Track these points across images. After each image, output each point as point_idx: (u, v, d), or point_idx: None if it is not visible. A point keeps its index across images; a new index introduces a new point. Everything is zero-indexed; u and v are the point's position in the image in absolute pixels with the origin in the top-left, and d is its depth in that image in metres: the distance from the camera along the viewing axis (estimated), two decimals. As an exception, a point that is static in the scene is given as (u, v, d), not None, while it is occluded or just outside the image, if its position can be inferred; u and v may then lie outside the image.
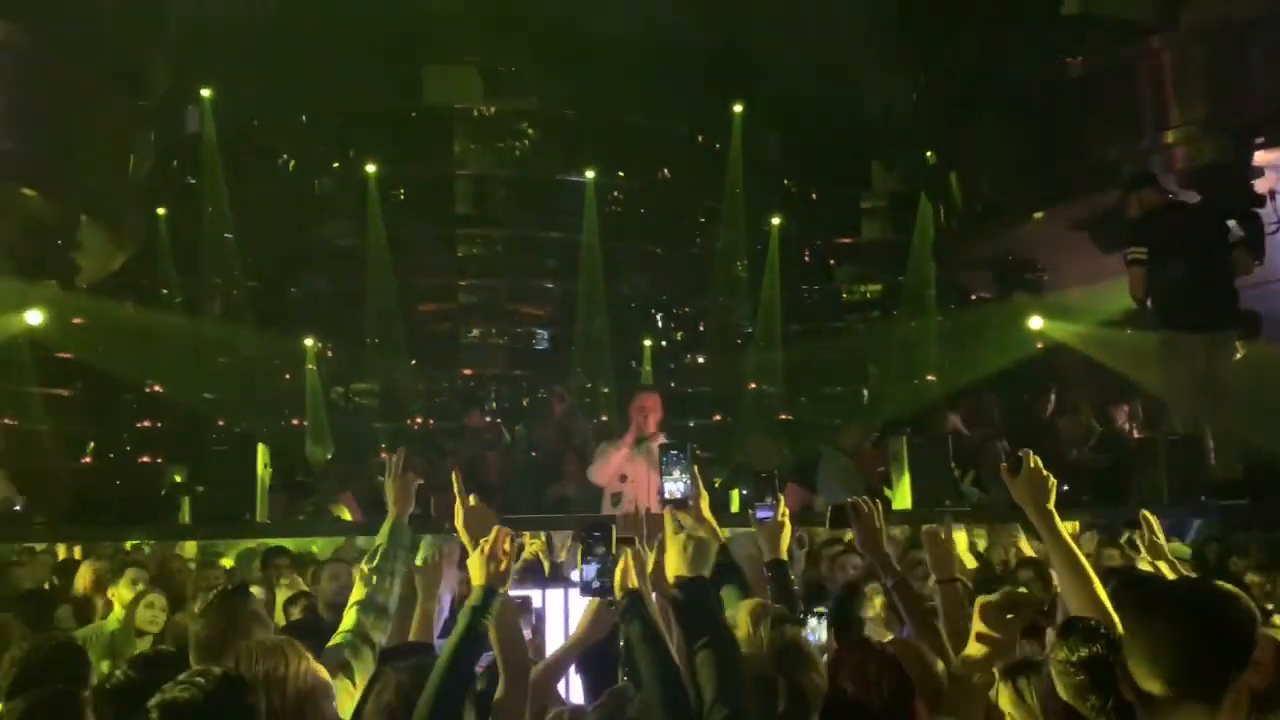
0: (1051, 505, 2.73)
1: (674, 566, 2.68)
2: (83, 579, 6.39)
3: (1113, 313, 10.05)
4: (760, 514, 3.47)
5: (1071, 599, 2.66)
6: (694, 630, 2.50)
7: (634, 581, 2.65)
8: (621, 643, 2.91)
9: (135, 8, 10.35)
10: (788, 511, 3.45)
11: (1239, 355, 6.98)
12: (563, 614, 4.75)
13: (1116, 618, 2.35)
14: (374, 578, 3.31)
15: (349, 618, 3.27)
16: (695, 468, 3.36)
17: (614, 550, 2.79)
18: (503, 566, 2.61)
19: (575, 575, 3.19)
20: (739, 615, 2.64)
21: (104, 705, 2.69)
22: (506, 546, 2.64)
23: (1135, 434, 8.40)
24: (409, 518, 3.55)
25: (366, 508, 8.26)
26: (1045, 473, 2.73)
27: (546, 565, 5.95)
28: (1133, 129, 9.81)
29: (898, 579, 3.39)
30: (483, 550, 2.62)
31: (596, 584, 2.81)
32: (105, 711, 2.67)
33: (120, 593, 5.91)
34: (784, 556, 3.41)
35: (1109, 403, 8.92)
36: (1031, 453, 2.77)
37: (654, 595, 2.80)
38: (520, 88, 15.77)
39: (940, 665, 2.90)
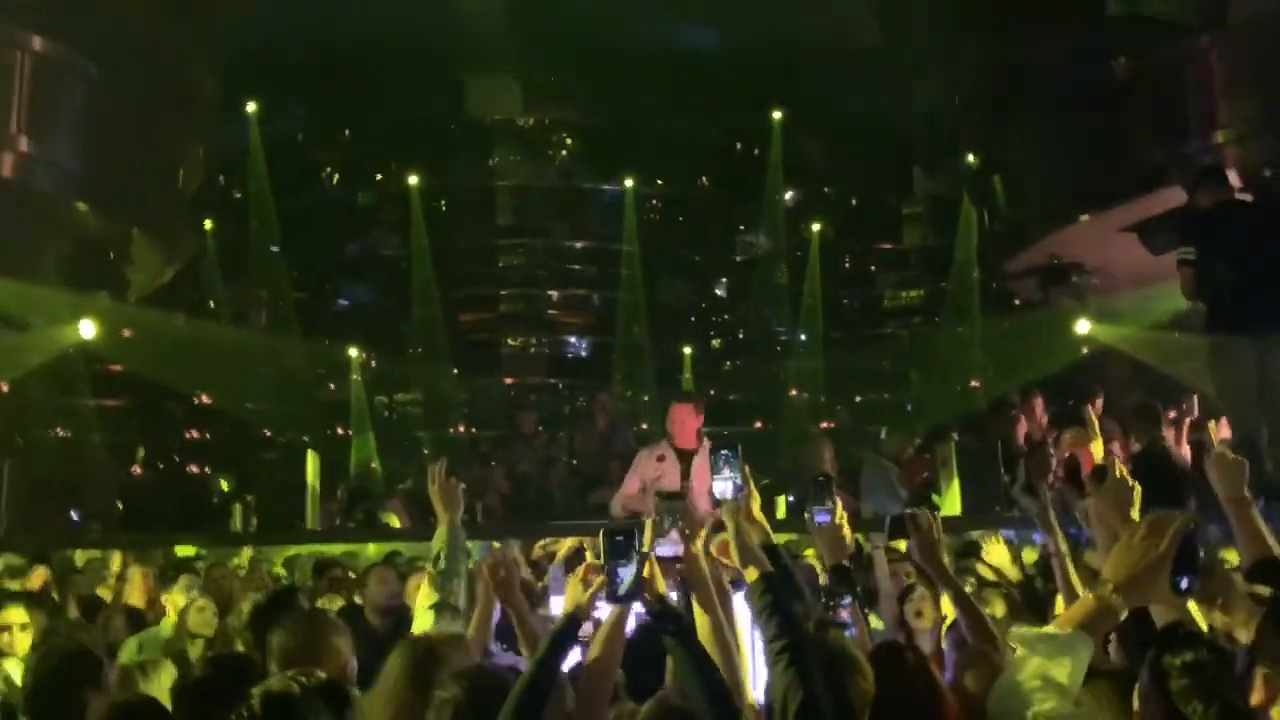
0: (1136, 514, 2.55)
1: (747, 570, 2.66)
2: (134, 586, 6.51)
3: (1162, 315, 9.92)
4: (819, 518, 3.42)
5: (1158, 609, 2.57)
6: (774, 632, 2.46)
7: (661, 586, 2.63)
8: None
9: (186, 25, 10.54)
10: (845, 515, 3.41)
11: None
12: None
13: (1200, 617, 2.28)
14: (441, 580, 3.34)
15: (425, 619, 3.29)
16: (746, 467, 3.31)
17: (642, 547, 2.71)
18: (589, 595, 2.62)
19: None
20: None
21: (186, 702, 2.76)
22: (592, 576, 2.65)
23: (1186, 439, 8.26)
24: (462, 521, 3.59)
25: (414, 514, 8.34)
26: (1130, 480, 2.65)
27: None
28: (1181, 130, 9.68)
29: (957, 592, 3.35)
30: (581, 577, 2.64)
31: (623, 591, 2.65)
32: (187, 708, 2.73)
33: (174, 598, 6.03)
34: (845, 561, 3.39)
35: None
36: (1117, 460, 2.68)
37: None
38: (560, 98, 15.87)
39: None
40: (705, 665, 2.50)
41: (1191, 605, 2.54)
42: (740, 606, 3.25)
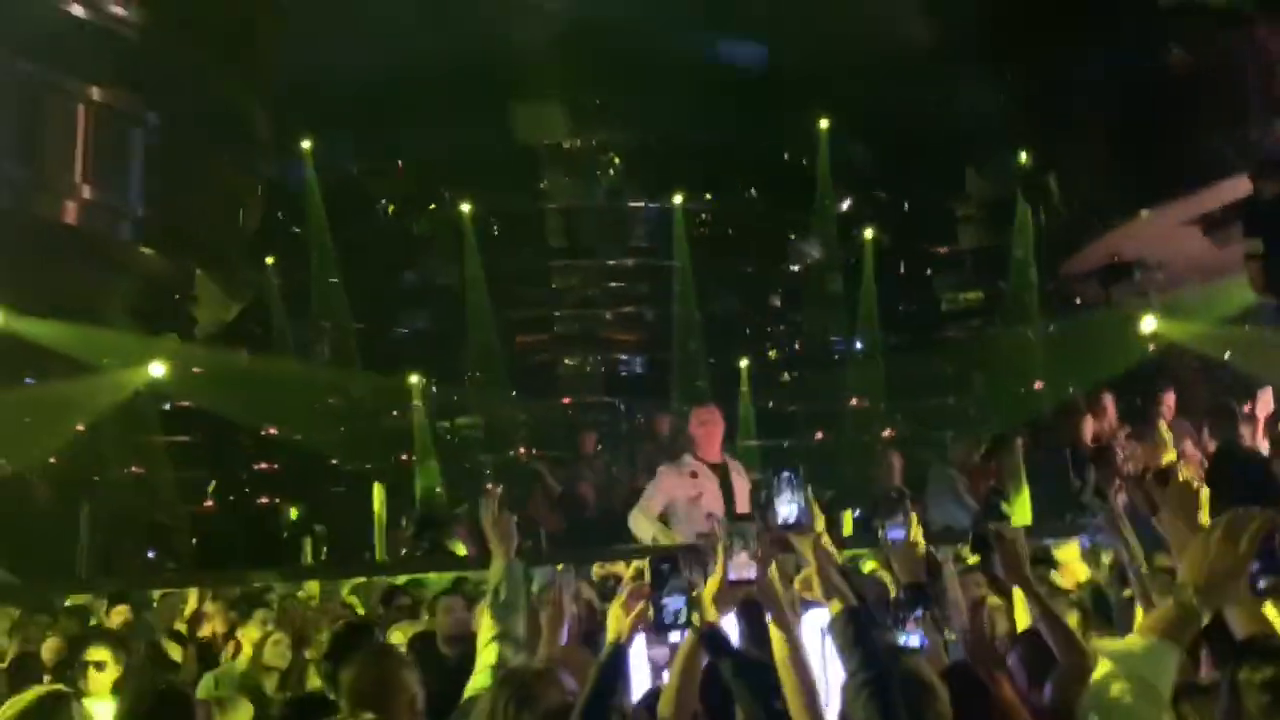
0: (1206, 519, 2.45)
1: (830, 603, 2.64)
2: (210, 622, 6.64)
3: (1230, 310, 9.66)
4: (892, 534, 3.34)
5: (1236, 617, 2.48)
6: (856, 664, 2.44)
7: (712, 614, 2.60)
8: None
9: (238, 67, 10.80)
10: (921, 530, 3.35)
11: None
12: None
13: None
14: (501, 614, 3.35)
15: (490, 653, 3.29)
16: (809, 488, 3.26)
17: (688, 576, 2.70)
18: (630, 622, 2.61)
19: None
20: None
21: None
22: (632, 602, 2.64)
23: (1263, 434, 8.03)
24: (520, 549, 3.58)
25: (480, 541, 8.40)
26: (1196, 484, 2.55)
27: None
28: (1241, 118, 9.44)
29: (1044, 609, 3.26)
30: (621, 603, 2.63)
31: (669, 620, 2.61)
32: None
33: (249, 633, 6.14)
34: (922, 580, 3.34)
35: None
36: (1182, 464, 2.63)
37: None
38: (605, 119, 15.96)
39: None
40: (761, 693, 2.49)
41: (1271, 611, 2.45)
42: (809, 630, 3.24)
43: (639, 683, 3.35)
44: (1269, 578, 2.07)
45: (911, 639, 2.95)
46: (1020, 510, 6.22)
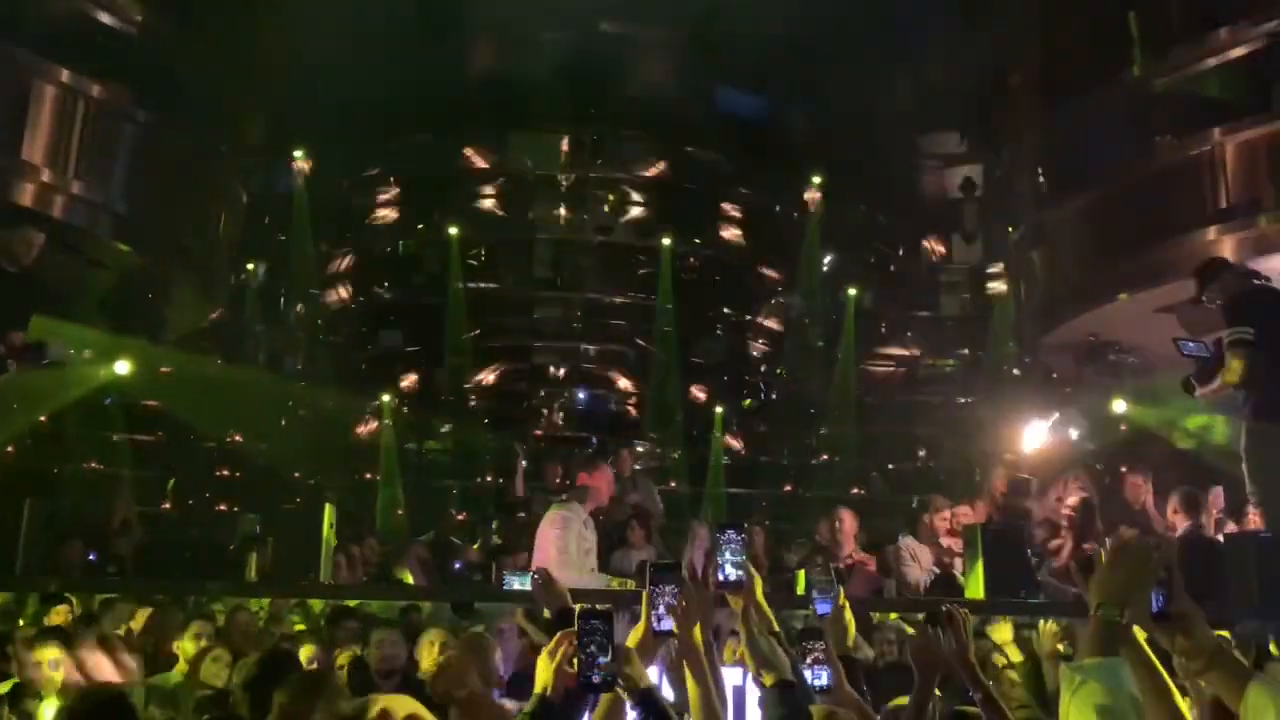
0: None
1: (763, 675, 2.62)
2: (146, 631, 6.47)
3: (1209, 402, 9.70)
4: (819, 607, 3.32)
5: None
6: None
7: (643, 676, 2.53)
8: None
9: (232, 70, 10.80)
10: (847, 603, 3.33)
11: None
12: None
13: None
14: None
15: None
16: (752, 547, 3.20)
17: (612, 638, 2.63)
18: (553, 670, 2.54)
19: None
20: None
21: None
22: (562, 650, 2.56)
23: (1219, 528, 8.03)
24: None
25: (430, 567, 8.30)
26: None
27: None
28: (1225, 212, 9.57)
29: (985, 694, 3.22)
30: (552, 654, 2.56)
31: (598, 678, 2.48)
32: None
33: (184, 646, 5.97)
34: (851, 645, 3.32)
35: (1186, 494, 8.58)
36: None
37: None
38: (602, 155, 16.02)
39: None
40: None
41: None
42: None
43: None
44: (1162, 601, 2.22)
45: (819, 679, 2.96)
46: (973, 585, 6.18)
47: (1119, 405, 10.35)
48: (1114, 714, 1.97)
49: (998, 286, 14.63)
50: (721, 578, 3.14)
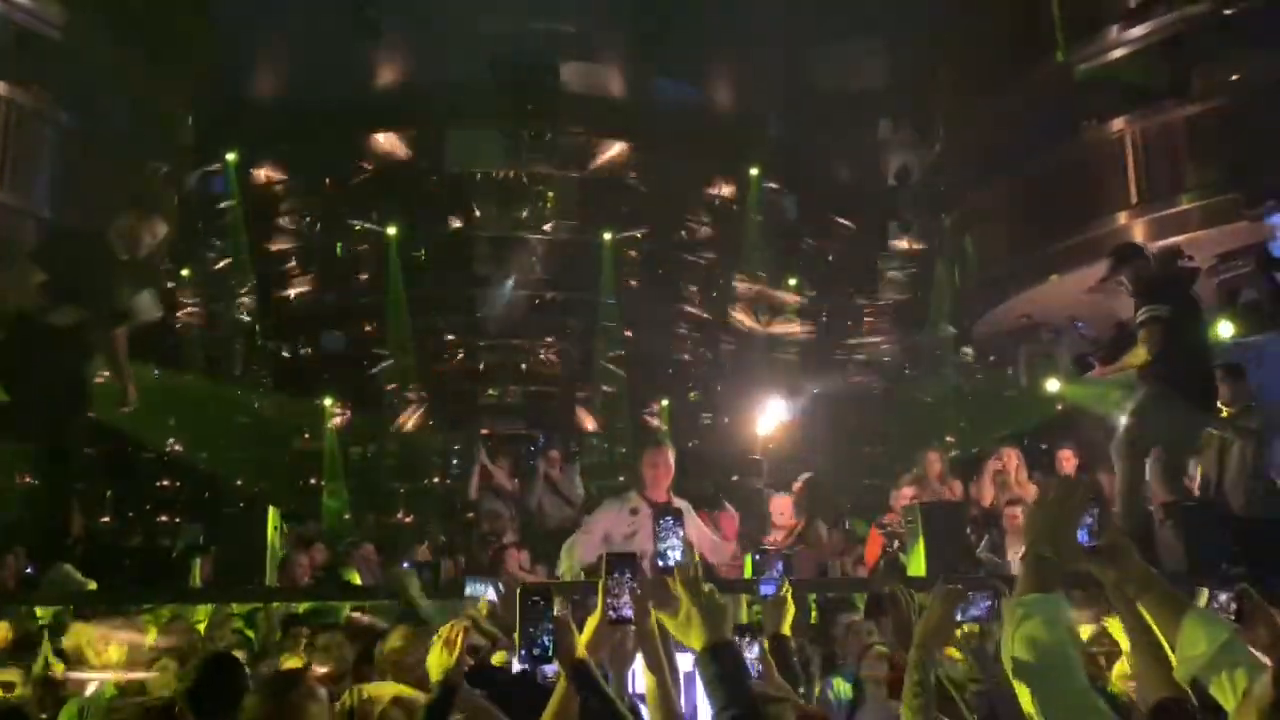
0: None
1: (689, 637, 2.60)
2: (71, 642, 6.33)
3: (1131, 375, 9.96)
4: (764, 589, 3.43)
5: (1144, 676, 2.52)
6: (722, 701, 2.38)
7: (580, 651, 2.58)
8: None
9: (162, 74, 10.62)
10: (790, 588, 3.42)
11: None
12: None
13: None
14: None
15: None
16: (688, 531, 3.26)
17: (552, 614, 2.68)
18: (454, 658, 2.57)
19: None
20: None
21: None
22: (459, 637, 2.60)
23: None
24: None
25: (377, 571, 8.26)
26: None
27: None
28: (1147, 193, 9.85)
29: (921, 679, 3.29)
30: (438, 644, 2.59)
31: (537, 652, 2.61)
32: None
33: (109, 655, 5.85)
34: (786, 632, 3.39)
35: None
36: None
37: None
38: (539, 152, 15.98)
39: None
40: None
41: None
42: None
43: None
44: (1091, 538, 2.35)
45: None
46: (915, 563, 6.30)
47: (1052, 384, 10.60)
48: (1053, 646, 2.04)
49: (934, 272, 14.85)
50: (661, 564, 3.21)
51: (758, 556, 7.42)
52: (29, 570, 7.25)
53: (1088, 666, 2.99)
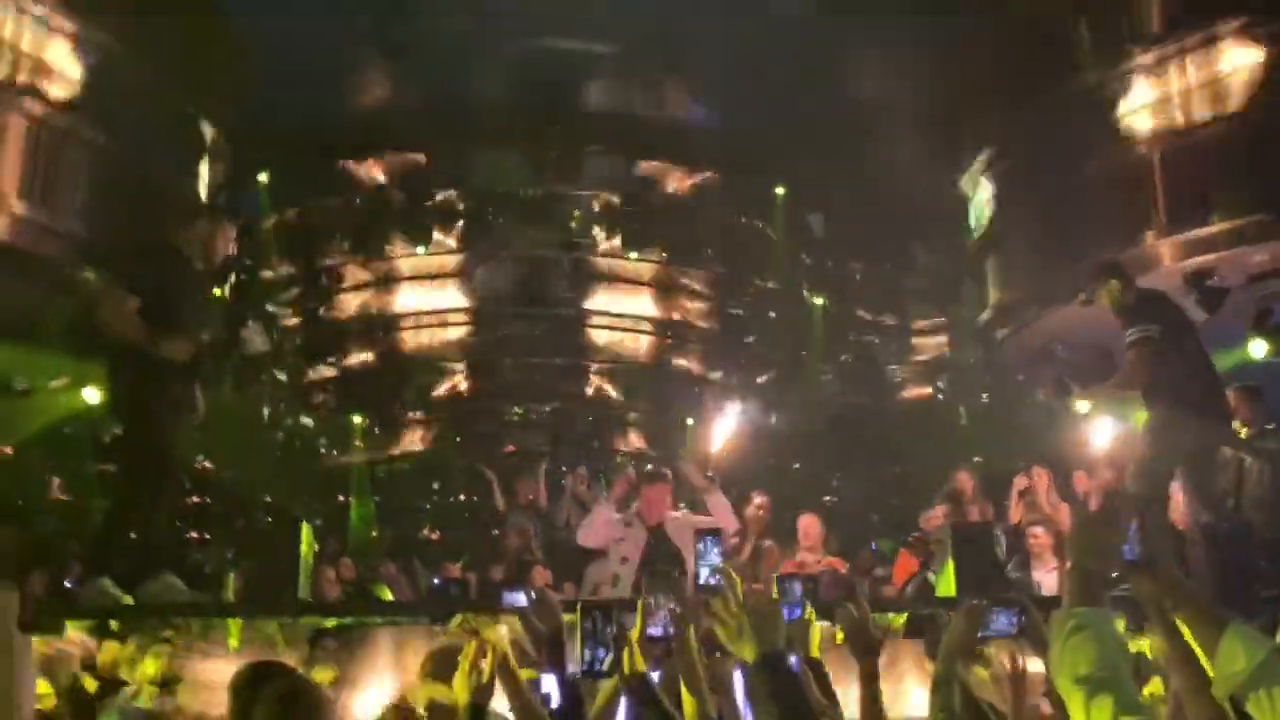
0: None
1: (741, 647, 2.49)
2: (106, 658, 6.41)
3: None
4: (787, 614, 3.45)
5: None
6: (778, 715, 2.29)
7: (640, 664, 2.62)
8: None
9: (196, 93, 10.77)
10: (814, 612, 3.46)
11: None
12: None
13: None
14: None
15: None
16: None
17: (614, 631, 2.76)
18: (484, 679, 2.61)
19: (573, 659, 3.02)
20: None
21: None
22: (486, 659, 2.64)
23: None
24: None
25: (402, 586, 8.32)
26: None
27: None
28: (1175, 214, 9.81)
29: (870, 695, 3.28)
30: (464, 665, 2.63)
31: (600, 667, 2.74)
32: None
33: (144, 669, 5.92)
34: (816, 654, 3.41)
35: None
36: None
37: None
38: (564, 171, 16.10)
39: None
40: None
41: None
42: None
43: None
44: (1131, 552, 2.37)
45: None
46: (944, 584, 6.28)
47: (1081, 406, 10.52)
48: (1105, 658, 2.05)
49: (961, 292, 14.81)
50: (700, 583, 3.26)
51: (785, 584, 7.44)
52: (69, 584, 7.36)
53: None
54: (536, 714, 2.80)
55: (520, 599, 3.91)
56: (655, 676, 2.89)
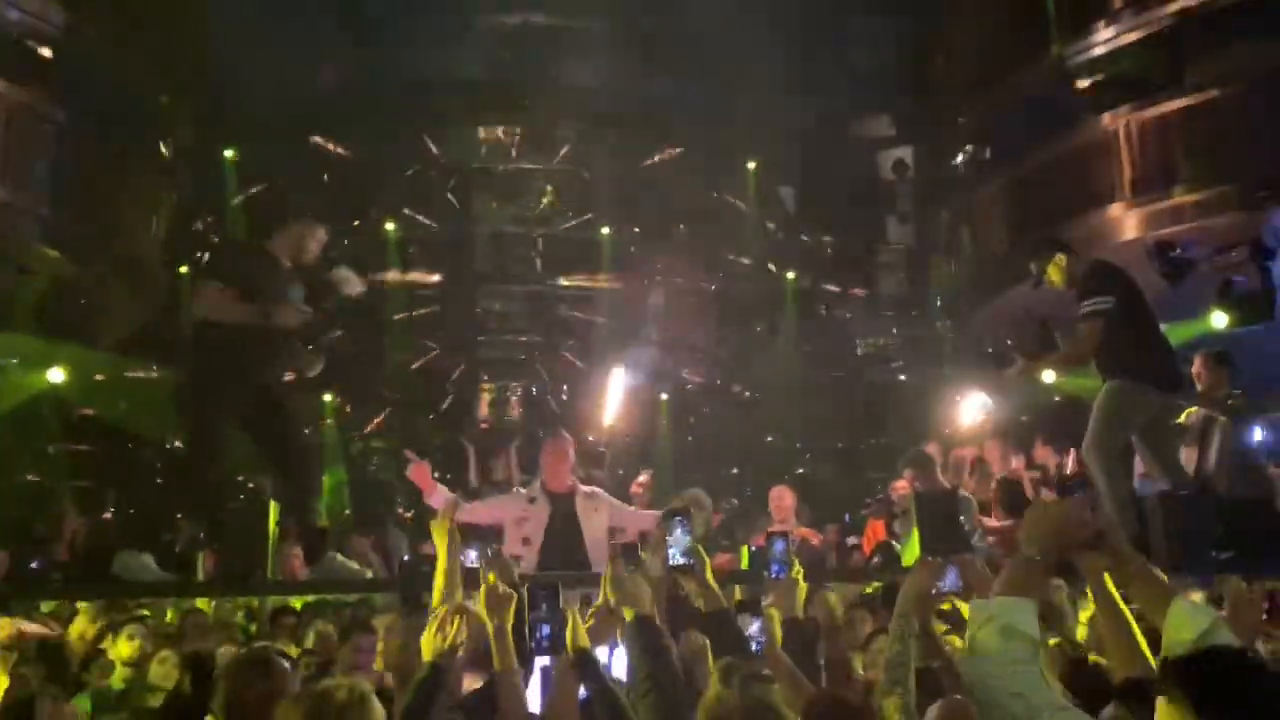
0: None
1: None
2: (82, 637, 6.41)
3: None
4: (774, 571, 3.51)
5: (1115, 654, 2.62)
6: (646, 670, 2.59)
7: (584, 640, 2.67)
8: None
9: (161, 71, 10.64)
10: (802, 570, 3.47)
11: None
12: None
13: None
14: None
15: None
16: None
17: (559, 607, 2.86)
18: (448, 642, 2.64)
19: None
20: (712, 674, 2.70)
21: None
22: (455, 621, 2.67)
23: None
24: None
25: (378, 563, 8.30)
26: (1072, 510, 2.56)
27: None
28: (1141, 186, 9.88)
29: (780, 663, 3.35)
30: (431, 626, 2.67)
31: (546, 644, 2.84)
32: None
33: (119, 650, 5.92)
34: (799, 614, 3.45)
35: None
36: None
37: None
38: (537, 147, 16.03)
39: None
40: (622, 714, 2.54)
41: None
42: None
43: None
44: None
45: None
46: (910, 550, 6.37)
47: (1048, 375, 10.61)
48: (1002, 656, 2.10)
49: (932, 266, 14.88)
50: (673, 560, 3.34)
51: (754, 549, 7.50)
52: (33, 565, 7.34)
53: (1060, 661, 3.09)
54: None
55: (473, 555, 3.92)
56: (600, 653, 2.98)
